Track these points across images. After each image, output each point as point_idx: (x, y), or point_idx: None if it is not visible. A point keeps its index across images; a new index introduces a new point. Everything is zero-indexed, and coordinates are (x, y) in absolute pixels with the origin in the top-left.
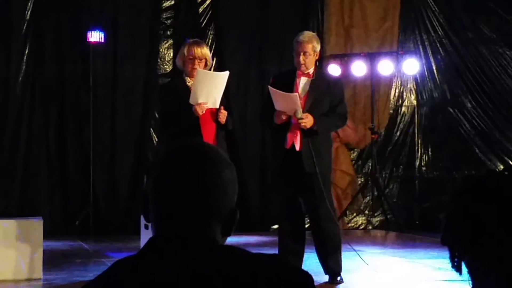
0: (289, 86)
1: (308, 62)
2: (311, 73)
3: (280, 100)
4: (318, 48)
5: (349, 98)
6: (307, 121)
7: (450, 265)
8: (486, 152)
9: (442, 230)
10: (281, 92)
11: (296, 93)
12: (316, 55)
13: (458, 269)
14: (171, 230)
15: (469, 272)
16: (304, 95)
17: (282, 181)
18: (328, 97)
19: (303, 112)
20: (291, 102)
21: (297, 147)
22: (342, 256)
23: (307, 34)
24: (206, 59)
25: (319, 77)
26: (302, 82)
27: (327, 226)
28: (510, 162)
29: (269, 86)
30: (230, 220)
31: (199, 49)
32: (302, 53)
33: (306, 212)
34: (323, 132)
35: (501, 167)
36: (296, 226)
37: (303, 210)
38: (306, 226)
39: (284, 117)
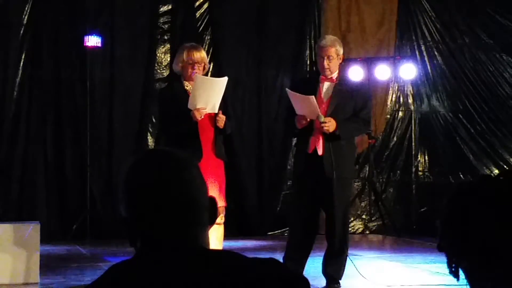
0: (312, 91)
1: (332, 66)
2: (334, 77)
3: (299, 103)
4: (341, 51)
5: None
6: (330, 125)
7: (447, 270)
8: (482, 157)
9: (438, 237)
10: (298, 94)
11: (313, 96)
12: (340, 59)
13: (455, 275)
14: (163, 232)
15: (467, 277)
16: (327, 99)
17: (302, 186)
18: (352, 102)
19: (326, 116)
20: (309, 105)
21: (320, 152)
22: (345, 266)
23: (330, 38)
24: (204, 62)
25: (343, 81)
26: (325, 86)
27: (337, 232)
28: (506, 167)
29: (287, 89)
30: (213, 208)
31: (198, 53)
32: (326, 57)
33: (325, 214)
34: (346, 137)
35: (497, 172)
36: (306, 234)
37: (317, 218)
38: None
39: (304, 122)
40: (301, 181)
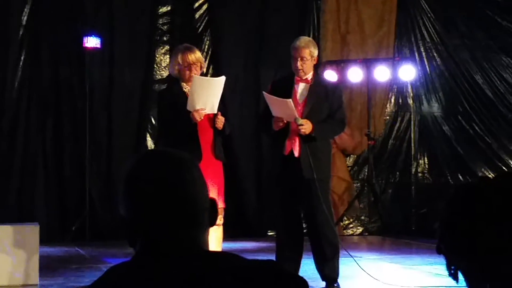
0: (287, 92)
1: (306, 67)
2: (309, 78)
3: (276, 106)
4: (316, 52)
5: (345, 104)
6: (307, 127)
7: (446, 272)
8: (481, 159)
9: (437, 239)
10: (275, 97)
11: (290, 99)
12: (314, 60)
13: (454, 277)
14: (163, 233)
15: (466, 279)
16: (303, 101)
17: (280, 187)
18: (327, 103)
19: (302, 118)
20: (286, 108)
21: (296, 154)
22: (339, 263)
23: (304, 39)
24: (200, 62)
25: (318, 82)
26: (301, 88)
27: (325, 232)
28: (504, 168)
29: (263, 92)
30: (213, 209)
31: (193, 55)
32: (299, 59)
33: (304, 218)
34: (322, 138)
35: (495, 174)
36: (293, 233)
37: (301, 217)
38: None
39: (281, 124)
40: (279, 183)
